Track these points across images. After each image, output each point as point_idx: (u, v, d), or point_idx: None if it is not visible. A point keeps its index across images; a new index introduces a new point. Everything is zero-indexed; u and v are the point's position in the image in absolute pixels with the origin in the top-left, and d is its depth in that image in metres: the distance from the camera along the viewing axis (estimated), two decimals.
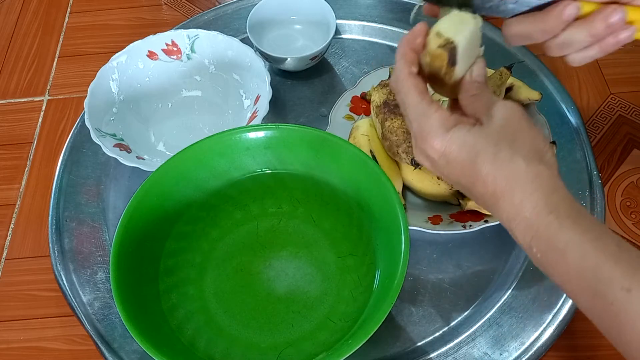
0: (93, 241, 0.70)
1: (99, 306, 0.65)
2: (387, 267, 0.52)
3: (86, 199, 0.73)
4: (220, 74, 0.78)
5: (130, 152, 0.70)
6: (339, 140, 0.58)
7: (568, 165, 0.69)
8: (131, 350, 0.61)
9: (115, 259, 0.52)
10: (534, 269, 0.63)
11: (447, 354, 0.59)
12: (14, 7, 1.03)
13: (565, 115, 0.73)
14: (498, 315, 0.60)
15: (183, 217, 0.60)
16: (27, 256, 0.74)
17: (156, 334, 0.51)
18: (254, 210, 0.63)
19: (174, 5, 1.00)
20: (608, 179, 0.73)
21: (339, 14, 0.81)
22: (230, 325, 0.57)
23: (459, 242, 0.65)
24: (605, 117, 0.79)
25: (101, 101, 0.72)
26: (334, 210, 0.61)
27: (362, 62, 0.82)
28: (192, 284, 0.59)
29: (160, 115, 0.78)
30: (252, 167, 0.62)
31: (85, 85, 0.71)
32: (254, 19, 0.79)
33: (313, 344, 0.55)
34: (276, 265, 0.60)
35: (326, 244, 0.61)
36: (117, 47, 0.76)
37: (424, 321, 0.61)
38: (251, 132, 0.60)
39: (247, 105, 0.74)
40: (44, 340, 0.67)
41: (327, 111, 0.73)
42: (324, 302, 0.57)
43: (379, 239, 0.56)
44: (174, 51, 0.77)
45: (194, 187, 0.60)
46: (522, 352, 0.58)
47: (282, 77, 0.81)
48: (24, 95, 0.91)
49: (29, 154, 0.83)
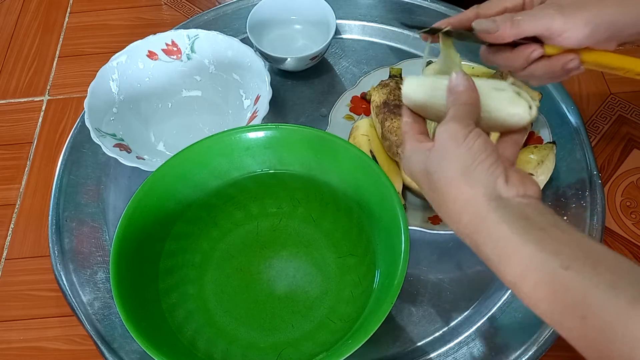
0: (93, 241, 0.70)
1: (99, 306, 0.65)
2: (387, 267, 0.52)
3: (86, 199, 0.73)
4: (220, 74, 0.78)
5: (130, 152, 0.70)
6: (339, 140, 0.58)
7: (568, 165, 0.69)
8: (131, 350, 0.61)
9: (115, 259, 0.52)
10: None
11: (447, 354, 0.59)
12: (14, 7, 1.03)
13: (565, 115, 0.73)
14: (498, 315, 0.60)
15: (183, 217, 0.60)
16: (27, 256, 0.74)
17: (156, 334, 0.51)
18: (254, 210, 0.63)
19: (174, 5, 1.00)
20: (608, 179, 0.73)
21: (339, 14, 0.81)
22: (230, 325, 0.57)
23: (459, 242, 0.64)
24: (605, 117, 0.79)
25: (101, 101, 0.72)
26: (334, 210, 0.61)
27: (362, 62, 0.82)
28: (192, 284, 0.59)
29: (160, 115, 0.78)
30: (252, 167, 0.62)
31: (85, 85, 0.72)
32: (254, 19, 0.79)
33: (313, 344, 0.55)
34: (276, 265, 0.60)
35: (326, 244, 0.61)
36: (117, 47, 0.76)
37: (424, 321, 0.61)
38: (251, 132, 0.60)
39: (247, 105, 0.74)
40: (44, 340, 0.67)
41: (327, 111, 0.73)
42: (324, 302, 0.57)
43: (379, 239, 0.56)
44: (174, 51, 0.77)
45: (194, 187, 0.60)
46: (522, 352, 0.58)
47: (282, 77, 0.81)
48: (24, 95, 0.91)
49: (29, 154, 0.84)
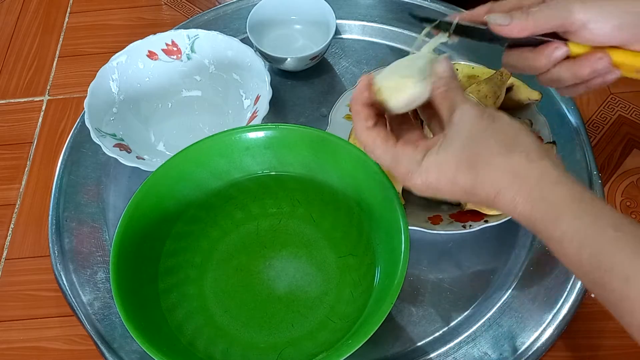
0: (93, 241, 0.70)
1: (99, 306, 0.64)
2: (387, 267, 0.52)
3: (86, 199, 0.73)
4: (220, 74, 0.78)
5: (130, 152, 0.70)
6: (339, 140, 0.58)
7: (568, 165, 0.69)
8: (131, 350, 0.61)
9: (115, 259, 0.52)
10: (534, 269, 0.63)
11: (447, 354, 0.59)
12: (14, 7, 1.03)
13: (565, 115, 0.73)
14: (498, 315, 0.60)
15: (183, 217, 0.60)
16: (27, 256, 0.74)
17: (156, 334, 0.51)
18: (254, 210, 0.63)
19: (174, 5, 1.00)
20: (608, 179, 0.73)
21: (339, 14, 0.81)
22: (230, 325, 0.57)
23: (459, 242, 0.65)
24: (605, 117, 0.79)
25: (101, 101, 0.72)
26: (334, 210, 0.61)
27: (362, 62, 0.82)
28: (192, 283, 0.59)
29: (160, 115, 0.78)
30: (252, 167, 0.62)
31: (85, 85, 0.71)
32: (254, 19, 0.79)
33: (313, 343, 0.54)
34: (276, 265, 0.60)
35: (326, 244, 0.61)
36: (117, 47, 0.76)
37: (424, 321, 0.61)
38: (251, 132, 0.60)
39: (247, 105, 0.74)
40: (44, 340, 0.67)
41: (327, 111, 0.73)
42: (324, 302, 0.57)
43: (379, 239, 0.56)
44: (174, 51, 0.77)
45: (194, 187, 0.60)
46: (522, 352, 0.58)
47: (282, 77, 0.81)
48: (24, 95, 0.91)
49: (29, 154, 0.84)
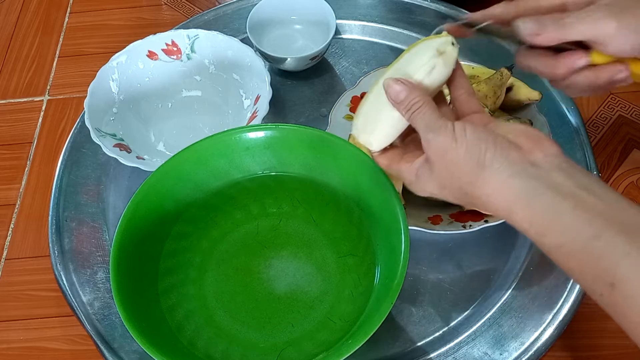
0: (93, 241, 0.70)
1: (99, 306, 0.65)
2: (387, 267, 0.52)
3: (86, 199, 0.73)
4: (220, 74, 0.78)
5: (130, 152, 0.70)
6: (339, 140, 0.58)
7: None
8: (131, 350, 0.61)
9: (115, 259, 0.52)
10: (534, 269, 0.63)
11: (447, 354, 0.59)
12: (14, 7, 1.03)
13: (565, 115, 0.73)
14: (498, 315, 0.60)
15: (183, 217, 0.60)
16: (27, 256, 0.74)
17: (156, 334, 0.51)
18: (254, 210, 0.63)
19: (174, 5, 1.00)
20: (608, 179, 0.73)
21: (339, 14, 0.81)
22: (230, 325, 0.57)
23: (459, 242, 0.65)
24: (605, 117, 0.79)
25: (101, 101, 0.72)
26: (334, 210, 0.61)
27: (362, 62, 0.82)
28: (192, 283, 0.59)
29: (160, 115, 0.78)
30: (252, 167, 0.62)
31: (85, 85, 0.71)
32: (254, 19, 0.79)
33: (313, 344, 0.54)
34: (276, 265, 0.60)
35: (326, 244, 0.61)
36: (117, 47, 0.76)
37: (424, 321, 0.61)
38: (251, 132, 0.60)
39: (247, 105, 0.74)
40: (44, 340, 0.67)
41: (327, 111, 0.73)
42: (324, 302, 0.57)
43: (379, 239, 0.56)
44: (174, 51, 0.77)
45: (194, 187, 0.60)
46: (522, 352, 0.58)
47: (282, 77, 0.81)
48: (24, 95, 0.91)
49: (29, 154, 0.84)
